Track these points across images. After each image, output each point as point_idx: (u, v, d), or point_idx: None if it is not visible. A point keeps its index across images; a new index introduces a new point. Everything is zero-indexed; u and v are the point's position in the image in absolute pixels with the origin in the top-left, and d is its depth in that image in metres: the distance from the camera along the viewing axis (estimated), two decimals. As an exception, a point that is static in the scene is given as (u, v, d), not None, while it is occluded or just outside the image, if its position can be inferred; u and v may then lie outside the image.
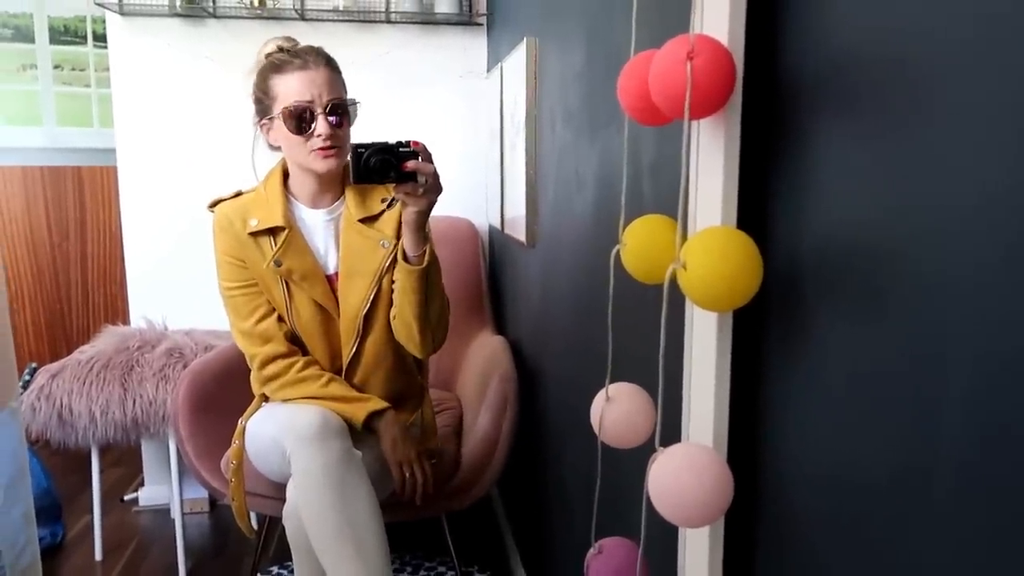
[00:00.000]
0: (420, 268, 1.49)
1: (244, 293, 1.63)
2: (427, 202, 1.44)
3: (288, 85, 1.52)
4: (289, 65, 1.53)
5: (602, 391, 0.83)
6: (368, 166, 1.39)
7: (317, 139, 1.52)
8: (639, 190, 1.06)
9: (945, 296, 0.50)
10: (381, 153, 1.38)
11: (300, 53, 1.54)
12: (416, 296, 1.52)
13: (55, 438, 2.08)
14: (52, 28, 3.28)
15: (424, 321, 1.55)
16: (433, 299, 1.55)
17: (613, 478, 1.13)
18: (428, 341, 1.59)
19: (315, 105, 1.51)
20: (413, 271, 1.50)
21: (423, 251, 1.50)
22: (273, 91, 1.54)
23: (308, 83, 1.51)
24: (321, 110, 1.51)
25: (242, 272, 1.62)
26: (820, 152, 0.63)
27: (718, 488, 0.63)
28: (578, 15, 1.41)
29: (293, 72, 1.52)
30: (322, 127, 1.51)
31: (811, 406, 0.65)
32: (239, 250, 1.60)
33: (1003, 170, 0.45)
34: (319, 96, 1.51)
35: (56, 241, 3.31)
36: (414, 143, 1.40)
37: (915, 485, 0.53)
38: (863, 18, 0.58)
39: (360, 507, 1.45)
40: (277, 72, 1.54)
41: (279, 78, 1.53)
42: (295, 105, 1.50)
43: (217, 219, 1.62)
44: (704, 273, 0.63)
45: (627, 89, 0.73)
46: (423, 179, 1.41)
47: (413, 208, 1.44)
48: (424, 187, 1.42)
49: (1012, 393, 0.44)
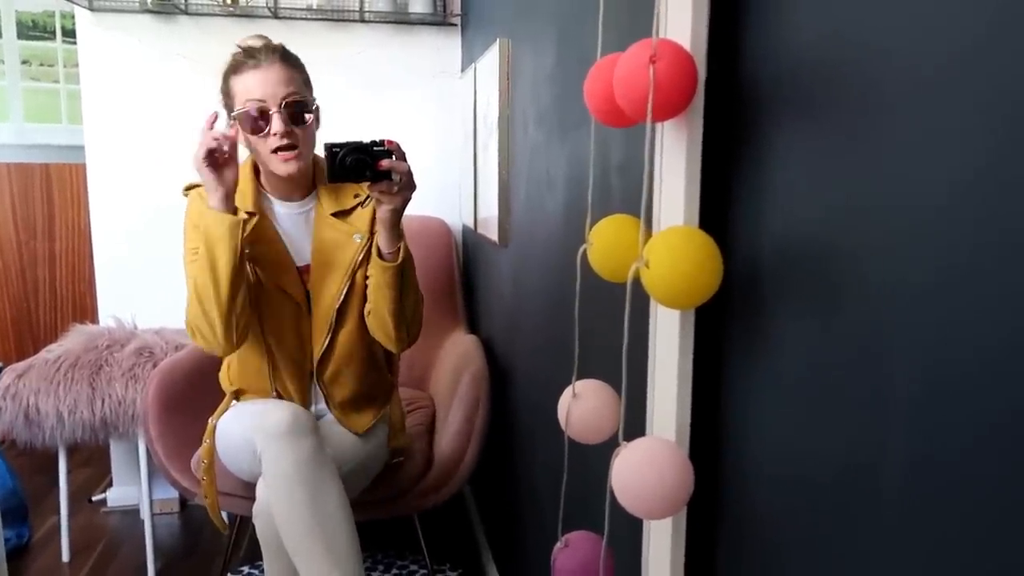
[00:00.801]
0: (395, 264, 1.50)
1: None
2: (402, 200, 1.45)
3: (244, 84, 1.51)
4: (244, 65, 1.52)
5: (569, 388, 0.85)
6: (343, 165, 1.40)
7: (274, 138, 1.50)
8: (608, 190, 1.07)
9: (892, 298, 0.52)
10: (356, 152, 1.39)
11: (255, 52, 1.52)
12: (391, 292, 1.53)
13: (21, 438, 2.06)
14: (20, 23, 3.23)
15: (399, 316, 1.56)
16: (408, 294, 1.56)
17: (580, 473, 1.15)
18: (403, 336, 1.60)
19: (269, 104, 1.49)
20: (388, 267, 1.51)
21: (398, 248, 1.51)
22: (232, 91, 1.53)
23: (262, 81, 1.49)
24: (276, 108, 1.49)
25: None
26: (779, 155, 0.65)
27: (678, 481, 0.65)
28: (550, 17, 1.43)
29: (248, 71, 1.51)
30: (277, 125, 1.49)
31: (769, 402, 0.67)
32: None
33: (952, 176, 0.47)
34: (273, 94, 1.49)
35: (23, 239, 3.26)
36: (388, 142, 1.41)
37: (863, 482, 0.55)
38: (820, 25, 0.60)
39: (331, 505, 1.45)
40: (235, 72, 1.53)
41: (236, 78, 1.52)
42: (248, 104, 1.50)
43: (191, 200, 1.60)
44: (666, 271, 0.64)
45: (593, 92, 0.75)
46: (397, 177, 1.42)
47: (388, 206, 1.45)
48: (399, 185, 1.43)
49: (954, 394, 0.46)
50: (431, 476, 1.84)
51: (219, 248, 1.45)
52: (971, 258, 0.45)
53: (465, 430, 1.87)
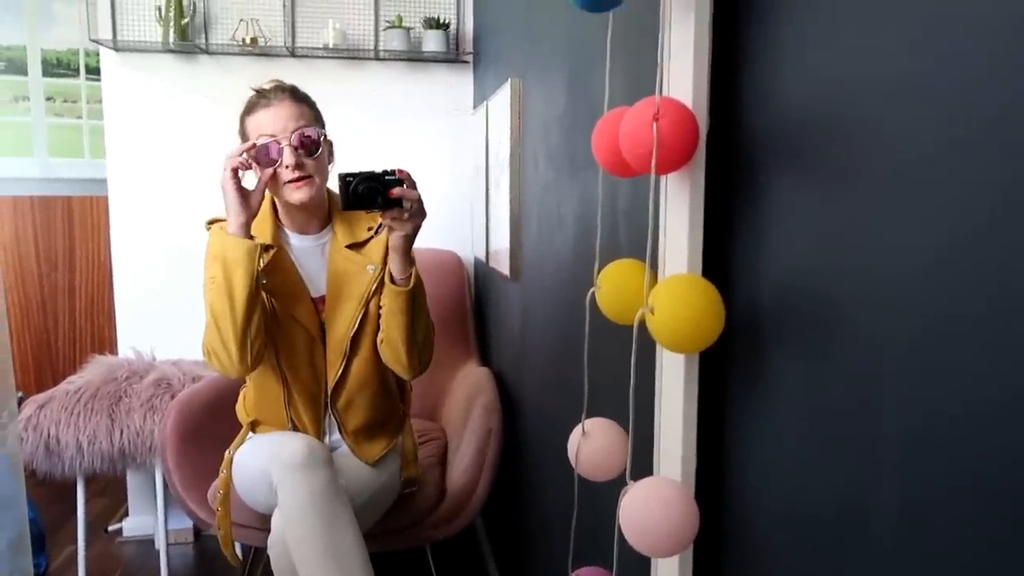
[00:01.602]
0: (407, 289, 1.55)
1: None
2: (412, 226, 1.50)
3: (257, 123, 1.58)
4: (256, 105, 1.60)
5: (579, 426, 0.87)
6: (356, 193, 1.45)
7: (286, 170, 1.56)
8: (615, 233, 1.11)
9: (883, 345, 0.55)
10: (368, 181, 1.44)
11: (266, 92, 1.61)
12: (403, 317, 1.57)
13: (41, 468, 2.09)
14: (45, 61, 3.33)
15: (411, 342, 1.60)
16: (419, 320, 1.60)
17: (590, 509, 1.17)
18: (415, 362, 1.64)
19: (280, 138, 1.56)
20: (400, 292, 1.55)
21: (409, 273, 1.55)
22: (247, 131, 1.60)
23: (272, 118, 1.57)
24: (287, 141, 1.56)
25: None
26: (776, 206, 0.69)
27: (685, 520, 0.68)
28: (560, 60, 1.48)
29: (260, 111, 1.59)
30: (288, 156, 1.55)
31: (770, 443, 0.70)
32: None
33: (940, 232, 0.50)
34: (282, 128, 1.56)
35: (45, 271, 3.33)
36: (399, 171, 1.47)
37: (858, 521, 0.57)
38: (815, 84, 0.63)
39: (346, 537, 1.48)
40: (248, 114, 1.61)
41: (250, 118, 1.60)
42: (259, 141, 1.56)
43: (214, 229, 1.65)
44: (670, 318, 0.67)
45: (600, 144, 0.79)
46: (408, 204, 1.47)
47: (399, 232, 1.50)
48: (409, 212, 1.48)
49: (942, 440, 0.49)
50: (443, 507, 1.86)
51: (236, 272, 1.50)
52: (959, 310, 0.48)
53: (477, 462, 1.89)
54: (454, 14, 2.66)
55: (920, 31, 0.51)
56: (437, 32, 2.58)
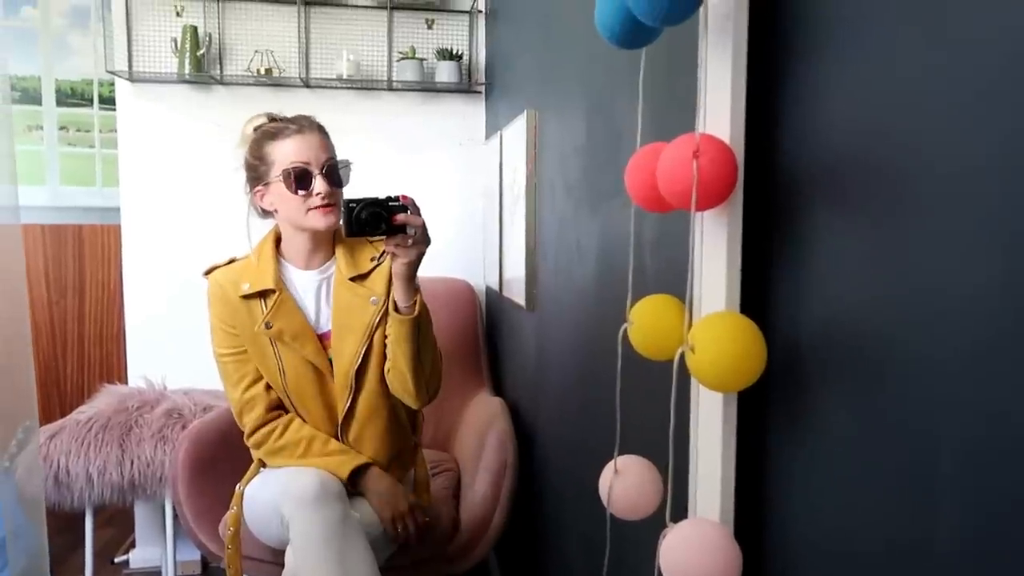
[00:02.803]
0: (412, 317, 1.54)
1: (234, 360, 1.68)
2: (416, 253, 1.49)
3: (286, 149, 1.59)
4: (285, 131, 1.61)
5: (611, 463, 0.86)
6: (360, 219, 1.44)
7: (316, 197, 1.59)
8: (642, 267, 1.10)
9: (933, 378, 0.54)
10: (372, 207, 1.44)
11: (295, 120, 1.64)
12: (409, 345, 1.56)
13: (51, 499, 2.07)
14: (59, 90, 3.35)
15: (418, 371, 1.59)
16: (426, 348, 1.59)
17: (619, 548, 1.15)
18: (423, 391, 1.63)
19: (312, 166, 1.59)
20: (405, 320, 1.54)
21: (413, 301, 1.54)
22: (270, 157, 1.61)
23: (305, 146, 1.59)
24: (318, 170, 1.58)
25: (233, 339, 1.67)
26: (816, 242, 0.68)
27: (727, 564, 0.66)
28: (578, 90, 1.48)
29: (290, 136, 1.60)
30: (320, 186, 1.58)
31: (814, 482, 0.68)
32: (231, 316, 1.66)
33: (984, 260, 0.49)
34: (316, 158, 1.59)
35: (54, 299, 3.33)
36: (403, 197, 1.46)
37: (915, 557, 0.56)
38: (852, 118, 0.63)
39: (359, 571, 1.45)
40: (273, 139, 1.61)
41: (275, 144, 1.60)
42: (295, 166, 1.57)
43: (210, 287, 1.69)
44: (712, 356, 0.66)
45: (634, 180, 0.78)
46: (412, 231, 1.46)
47: (403, 259, 1.49)
48: (413, 238, 1.47)
49: (997, 471, 0.48)
50: (458, 540, 1.84)
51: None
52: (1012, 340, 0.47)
53: (493, 495, 1.86)
54: (466, 45, 2.69)
55: (960, 61, 0.51)
56: (450, 63, 2.60)
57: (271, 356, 1.64)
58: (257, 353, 1.65)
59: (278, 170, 1.59)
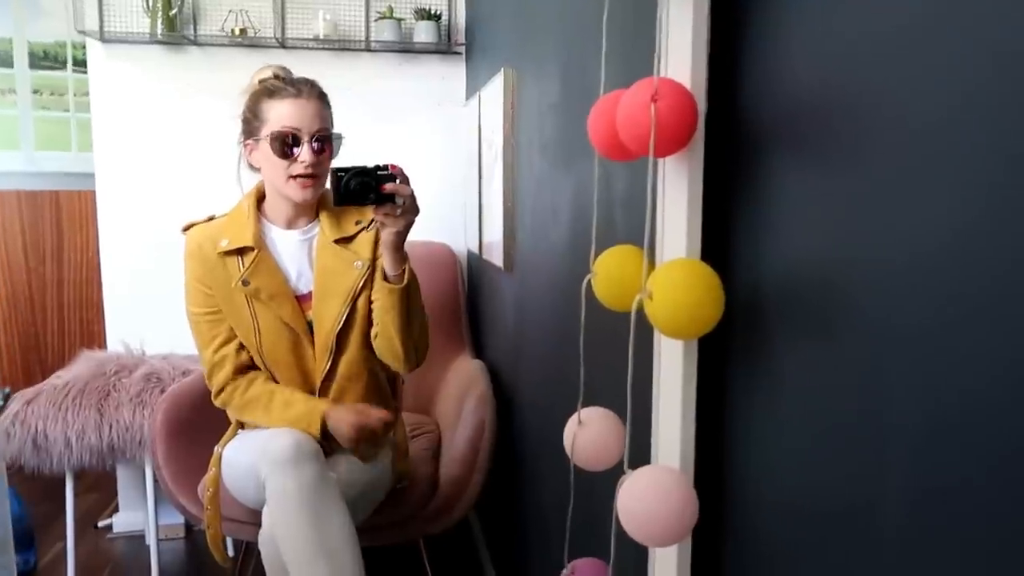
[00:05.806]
0: (401, 287, 1.53)
1: (207, 320, 1.67)
2: (405, 223, 1.48)
3: (280, 111, 1.57)
4: (283, 92, 1.58)
5: (575, 415, 0.86)
6: (348, 189, 1.42)
7: (299, 165, 1.56)
8: (612, 221, 1.09)
9: (890, 330, 0.53)
10: (360, 176, 1.42)
11: (296, 83, 1.61)
12: (398, 314, 1.55)
13: (29, 464, 2.07)
14: (31, 53, 3.29)
15: (407, 338, 1.59)
16: (415, 315, 1.59)
17: (586, 500, 1.16)
18: (411, 356, 1.63)
19: (302, 133, 1.56)
20: (394, 290, 1.53)
21: (403, 270, 1.53)
22: (264, 114, 1.58)
23: (299, 111, 1.57)
24: (307, 138, 1.56)
25: (208, 298, 1.65)
26: (777, 188, 0.67)
27: (683, 509, 0.66)
28: (554, 48, 1.46)
29: (286, 99, 1.57)
30: (306, 154, 1.56)
31: (771, 430, 0.68)
32: (207, 275, 1.64)
33: (945, 213, 0.49)
34: (307, 125, 1.56)
35: (32, 265, 3.29)
36: (392, 166, 1.44)
37: (864, 513, 0.56)
38: (814, 64, 0.62)
39: (336, 531, 1.46)
40: (270, 97, 1.58)
41: (272, 103, 1.58)
42: (283, 129, 1.55)
43: (187, 244, 1.66)
44: (668, 303, 0.66)
45: (596, 128, 0.77)
46: (401, 200, 1.45)
47: (392, 229, 1.48)
48: (402, 208, 1.46)
49: (953, 427, 0.48)
50: (437, 501, 1.85)
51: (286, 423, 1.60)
52: (969, 296, 0.47)
53: (470, 455, 1.87)
54: (445, 5, 2.64)
55: (925, 9, 0.49)
56: (429, 23, 2.56)
57: (246, 316, 1.63)
58: (232, 312, 1.64)
59: (268, 130, 1.57)
